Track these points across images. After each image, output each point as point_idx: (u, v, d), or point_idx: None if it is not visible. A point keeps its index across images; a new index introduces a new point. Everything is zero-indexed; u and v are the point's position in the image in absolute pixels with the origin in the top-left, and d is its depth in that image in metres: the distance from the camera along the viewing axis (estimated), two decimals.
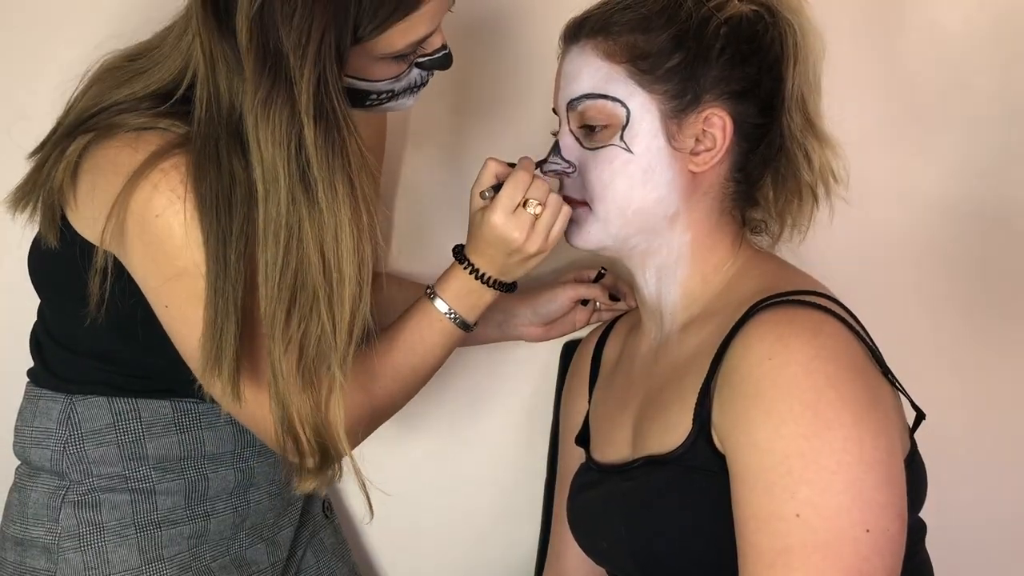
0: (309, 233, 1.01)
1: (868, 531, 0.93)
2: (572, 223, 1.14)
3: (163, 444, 1.19)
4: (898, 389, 1.05)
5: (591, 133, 1.11)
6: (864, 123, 1.42)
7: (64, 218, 1.11)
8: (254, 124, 1.00)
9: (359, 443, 1.15)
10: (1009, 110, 1.47)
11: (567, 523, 1.23)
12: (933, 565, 1.11)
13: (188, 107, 1.07)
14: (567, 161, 1.13)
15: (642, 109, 1.09)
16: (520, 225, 1.08)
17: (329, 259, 1.01)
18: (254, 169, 1.01)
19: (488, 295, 1.14)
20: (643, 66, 1.08)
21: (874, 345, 1.05)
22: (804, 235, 1.19)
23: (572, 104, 1.12)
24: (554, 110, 1.17)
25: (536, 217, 1.09)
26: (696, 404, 1.04)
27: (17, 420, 1.23)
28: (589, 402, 1.30)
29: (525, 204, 1.08)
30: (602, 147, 1.10)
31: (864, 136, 1.33)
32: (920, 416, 1.10)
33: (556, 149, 1.14)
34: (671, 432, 1.06)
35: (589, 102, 1.10)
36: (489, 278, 1.13)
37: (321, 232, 1.01)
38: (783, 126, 1.13)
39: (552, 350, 1.50)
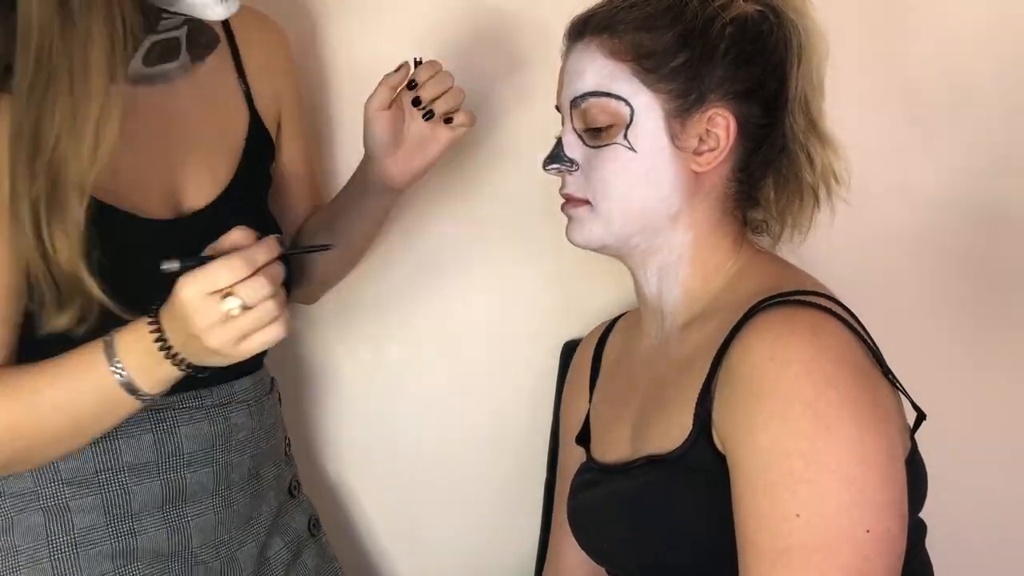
0: (60, 46, 0.94)
1: (868, 531, 0.93)
2: (573, 221, 1.14)
3: (74, 458, 1.09)
4: (899, 389, 1.05)
5: (594, 131, 1.11)
6: (865, 124, 1.42)
7: None
8: None
9: None
10: (1010, 112, 1.48)
11: (567, 523, 1.23)
12: (933, 565, 1.11)
13: None
14: (570, 159, 1.13)
15: (646, 108, 1.09)
16: (205, 313, 0.90)
17: (77, 72, 0.93)
18: None
19: (166, 368, 0.95)
20: (648, 65, 1.08)
21: (874, 345, 1.05)
22: (805, 235, 1.19)
23: (576, 102, 1.12)
24: (557, 107, 1.16)
25: (231, 317, 0.91)
26: (696, 404, 1.04)
27: None
28: (589, 401, 1.30)
29: (227, 296, 0.90)
30: (605, 145, 1.10)
31: (865, 137, 1.33)
32: (921, 416, 1.10)
33: (559, 146, 1.14)
34: (671, 432, 1.06)
35: (593, 100, 1.10)
36: (171, 348, 0.94)
37: (72, 46, 0.94)
38: (786, 127, 1.13)
39: (552, 350, 1.51)
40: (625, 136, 1.09)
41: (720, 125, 1.09)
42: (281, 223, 1.30)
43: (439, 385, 1.46)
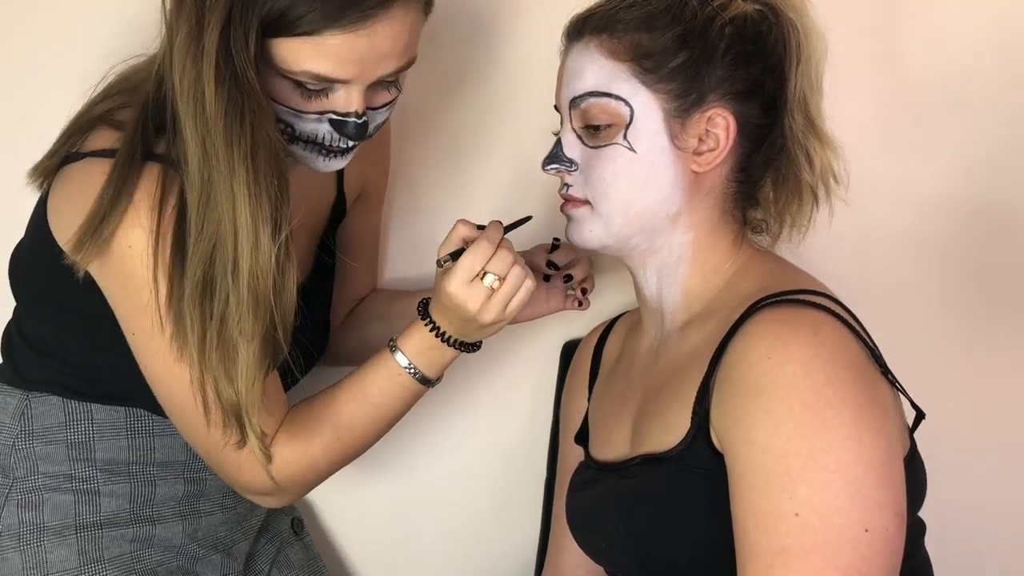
0: (219, 196, 1.00)
1: (867, 531, 0.93)
2: (573, 222, 1.14)
3: (112, 447, 1.19)
4: (897, 388, 1.05)
5: (594, 131, 1.11)
6: (864, 124, 1.42)
7: (46, 222, 1.11)
8: (171, 68, 1.00)
9: (316, 484, 1.17)
10: (1010, 111, 1.48)
11: (566, 522, 1.23)
12: (933, 565, 1.11)
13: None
14: (569, 159, 1.13)
15: (646, 108, 1.09)
16: (474, 296, 1.08)
17: (234, 226, 1.00)
18: (183, 139, 1.01)
19: (449, 353, 1.14)
20: (647, 65, 1.08)
21: (873, 344, 1.05)
22: (804, 235, 1.19)
23: (575, 102, 1.11)
24: (556, 107, 1.16)
25: (493, 290, 1.08)
26: (695, 403, 1.04)
27: None
28: (588, 401, 1.30)
29: (484, 276, 1.08)
30: (605, 146, 1.10)
31: (864, 137, 1.33)
32: (920, 415, 1.10)
33: (558, 147, 1.14)
34: (670, 431, 1.06)
35: (592, 100, 1.10)
36: (450, 337, 1.13)
37: (223, 200, 1.00)
38: (785, 126, 1.13)
39: (552, 350, 1.51)
40: (625, 136, 1.09)
41: (720, 125, 1.09)
42: (336, 294, 1.36)
43: (438, 384, 1.46)
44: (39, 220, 1.13)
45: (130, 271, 1.04)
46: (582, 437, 1.27)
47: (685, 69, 1.08)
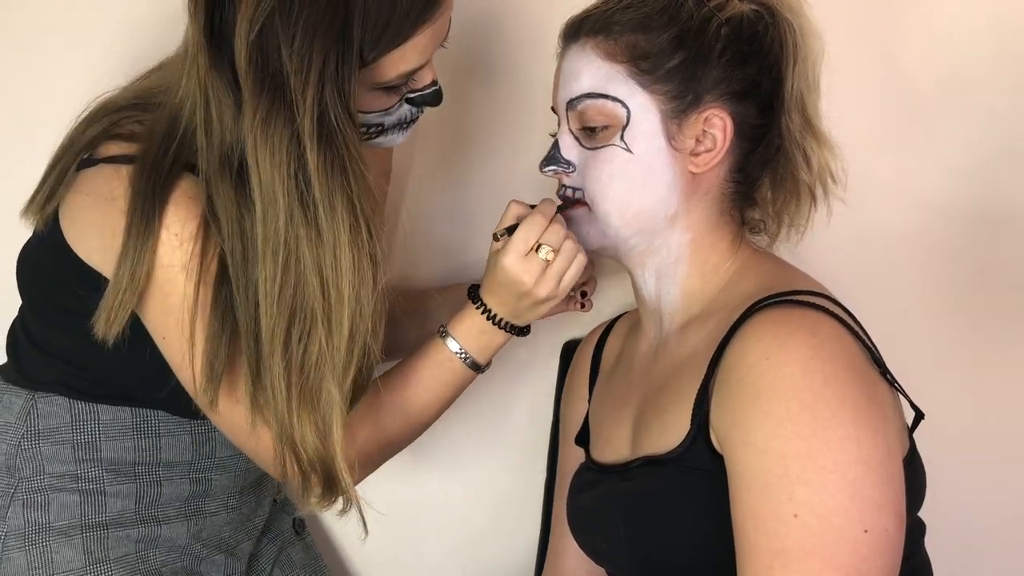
0: (307, 253, 1.01)
1: (866, 531, 0.92)
2: (571, 223, 1.14)
3: (118, 448, 1.19)
4: (896, 389, 1.05)
5: (591, 133, 1.11)
6: (862, 124, 1.42)
7: (57, 224, 1.12)
8: (253, 145, 0.99)
9: (364, 477, 1.15)
10: (1008, 110, 1.48)
11: (567, 523, 1.23)
12: (932, 565, 1.11)
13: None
14: (566, 161, 1.13)
15: (643, 109, 1.09)
16: (530, 270, 1.09)
17: (327, 279, 1.01)
18: (252, 191, 1.01)
19: (500, 337, 1.15)
20: (644, 66, 1.08)
21: (872, 345, 1.05)
22: (802, 234, 1.19)
23: (572, 103, 1.11)
24: (553, 109, 1.16)
25: (548, 263, 1.09)
26: (694, 404, 1.04)
27: None
28: (589, 402, 1.30)
29: (539, 248, 1.09)
30: (602, 147, 1.10)
31: (862, 137, 1.33)
32: (919, 415, 1.10)
33: (555, 148, 1.14)
34: (669, 432, 1.06)
35: (589, 101, 1.10)
36: (501, 320, 1.13)
37: (319, 252, 1.01)
38: (782, 126, 1.13)
39: (552, 350, 1.51)
40: (622, 137, 1.09)
41: (717, 126, 1.09)
42: None
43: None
44: (51, 223, 1.12)
45: (166, 288, 1.05)
46: (582, 438, 1.27)
47: (681, 70, 1.08)
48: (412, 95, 1.11)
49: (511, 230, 1.11)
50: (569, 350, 1.45)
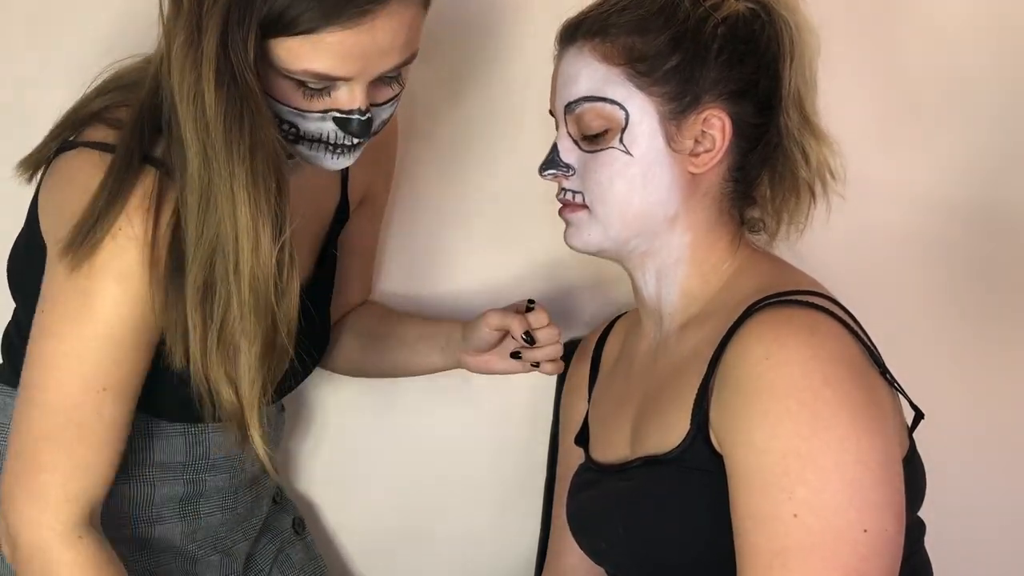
0: (217, 199, 1.00)
1: (866, 531, 0.93)
2: (571, 226, 1.14)
3: None
4: (896, 389, 1.05)
5: (590, 136, 1.10)
6: (861, 121, 1.41)
7: (37, 217, 1.10)
8: (174, 81, 0.99)
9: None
10: (1008, 108, 1.47)
11: (567, 523, 1.23)
12: (932, 565, 1.11)
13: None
14: (566, 164, 1.13)
15: (641, 111, 1.08)
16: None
17: (234, 229, 1.00)
18: (180, 136, 1.01)
19: None
20: (641, 68, 1.08)
21: (872, 344, 1.05)
22: (802, 232, 1.19)
23: (570, 107, 1.11)
24: (551, 112, 1.16)
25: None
26: (694, 404, 1.04)
27: None
28: (588, 402, 1.30)
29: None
30: (601, 150, 1.10)
31: (862, 134, 1.33)
32: (919, 415, 1.10)
33: (554, 152, 1.14)
34: (669, 432, 1.06)
35: (587, 105, 1.10)
36: None
37: (223, 201, 1.00)
38: (780, 124, 1.13)
39: None
40: (621, 140, 1.09)
41: (715, 126, 1.09)
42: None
43: (438, 386, 1.46)
44: (31, 215, 1.12)
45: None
46: (582, 438, 1.27)
47: (679, 71, 1.07)
48: (336, 114, 1.05)
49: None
50: (569, 350, 1.45)
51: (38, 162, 1.13)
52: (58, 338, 1.05)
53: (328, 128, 1.06)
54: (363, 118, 1.05)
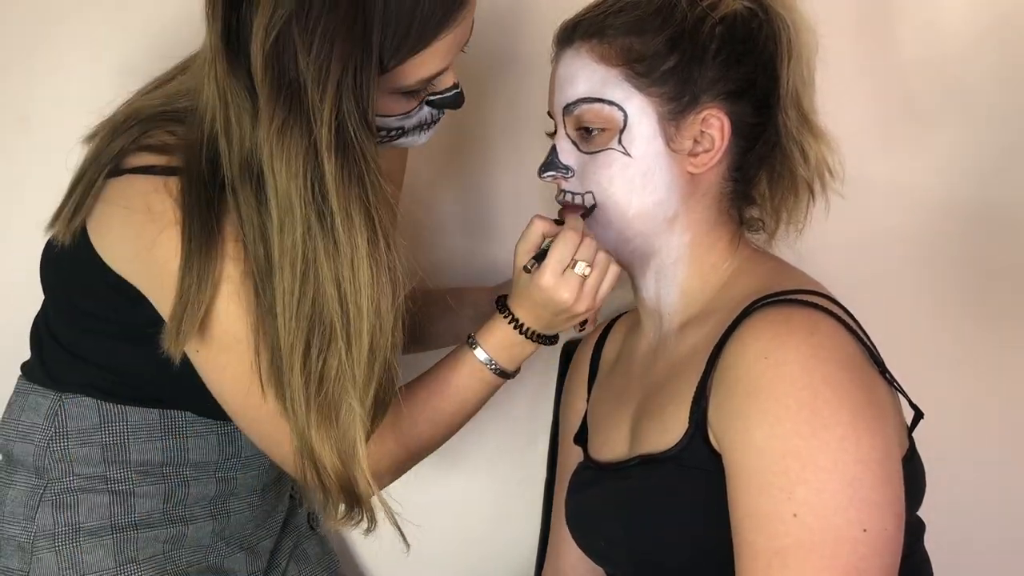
0: (325, 265, 0.99)
1: (865, 531, 0.93)
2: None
3: (147, 449, 1.19)
4: (896, 388, 1.05)
5: (588, 137, 1.11)
6: (861, 121, 1.42)
7: (85, 233, 1.10)
8: (269, 154, 0.97)
9: (386, 486, 1.15)
10: (1007, 107, 1.47)
11: (566, 522, 1.23)
12: (932, 564, 1.11)
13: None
14: (565, 165, 1.13)
15: (640, 112, 1.08)
16: (569, 287, 1.08)
17: (346, 292, 0.99)
18: (269, 200, 0.99)
19: (530, 347, 1.15)
20: (639, 69, 1.08)
21: (871, 344, 1.05)
22: (801, 230, 1.19)
23: (568, 108, 1.11)
24: (549, 114, 1.16)
25: (584, 278, 1.08)
26: (692, 403, 1.04)
27: (4, 413, 1.24)
28: (588, 401, 1.30)
29: (573, 265, 1.08)
30: (600, 151, 1.10)
31: (861, 134, 1.33)
32: (918, 415, 1.10)
33: (553, 153, 1.14)
34: (668, 431, 1.07)
35: (586, 106, 1.10)
36: (532, 332, 1.13)
37: (337, 265, 0.99)
38: (779, 123, 1.13)
39: (552, 350, 1.50)
40: (619, 141, 1.09)
41: (714, 126, 1.09)
42: None
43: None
44: (79, 236, 1.11)
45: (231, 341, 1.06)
46: (581, 437, 1.27)
47: (677, 71, 1.08)
48: (432, 98, 1.09)
49: (539, 257, 1.10)
50: (569, 350, 1.45)
51: (74, 210, 1.11)
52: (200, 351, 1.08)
53: (426, 114, 1.10)
54: (459, 90, 1.10)
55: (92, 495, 1.18)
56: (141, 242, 1.04)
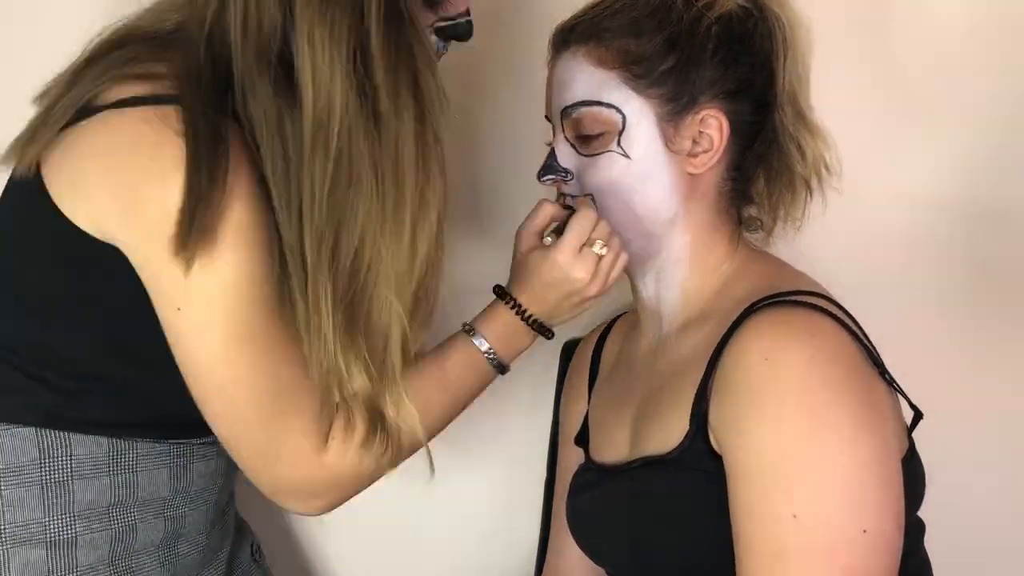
0: (364, 147, 0.90)
1: (865, 531, 0.93)
2: None
3: (92, 487, 1.03)
4: (895, 389, 1.05)
5: (587, 140, 1.10)
6: (858, 117, 1.41)
7: (40, 199, 0.96)
8: (309, 22, 0.88)
9: (371, 484, 1.11)
10: (1006, 106, 1.47)
11: (567, 524, 1.23)
12: (932, 565, 1.11)
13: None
14: (564, 169, 1.13)
15: (638, 114, 1.08)
16: (586, 265, 1.06)
17: (384, 173, 0.91)
18: (301, 81, 0.89)
19: (527, 339, 1.11)
20: (637, 71, 1.08)
21: (871, 345, 1.05)
22: (799, 229, 1.19)
23: (566, 112, 1.11)
24: (547, 117, 1.16)
25: (600, 259, 1.07)
26: (693, 405, 1.04)
27: None
28: (588, 402, 1.30)
29: (591, 244, 1.07)
30: (599, 154, 1.10)
31: (858, 130, 1.32)
32: (918, 415, 1.10)
33: (552, 157, 1.14)
34: (669, 433, 1.07)
35: (584, 109, 1.10)
36: (533, 320, 1.10)
37: (378, 147, 0.90)
38: (776, 121, 1.13)
39: (552, 350, 1.50)
40: (618, 143, 1.09)
41: (713, 126, 1.09)
42: None
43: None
44: (28, 200, 0.97)
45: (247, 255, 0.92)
46: (582, 439, 1.27)
47: (675, 72, 1.07)
48: (442, 24, 1.02)
49: (559, 231, 1.08)
50: (569, 350, 1.45)
51: (29, 139, 0.99)
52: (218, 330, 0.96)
53: (432, 43, 1.03)
54: (470, 19, 1.05)
55: (26, 548, 1.00)
56: (127, 179, 0.91)
